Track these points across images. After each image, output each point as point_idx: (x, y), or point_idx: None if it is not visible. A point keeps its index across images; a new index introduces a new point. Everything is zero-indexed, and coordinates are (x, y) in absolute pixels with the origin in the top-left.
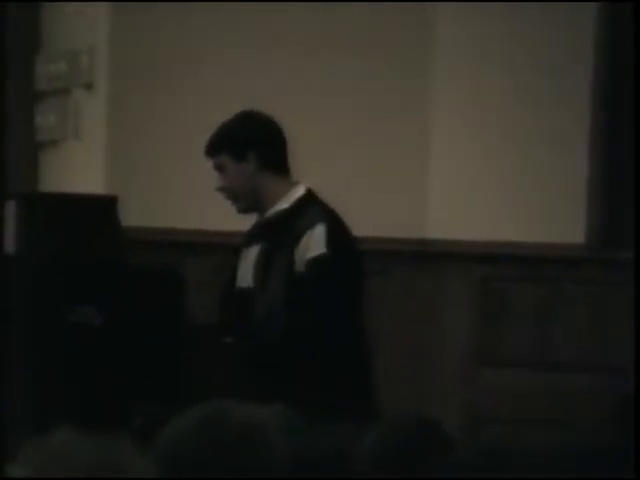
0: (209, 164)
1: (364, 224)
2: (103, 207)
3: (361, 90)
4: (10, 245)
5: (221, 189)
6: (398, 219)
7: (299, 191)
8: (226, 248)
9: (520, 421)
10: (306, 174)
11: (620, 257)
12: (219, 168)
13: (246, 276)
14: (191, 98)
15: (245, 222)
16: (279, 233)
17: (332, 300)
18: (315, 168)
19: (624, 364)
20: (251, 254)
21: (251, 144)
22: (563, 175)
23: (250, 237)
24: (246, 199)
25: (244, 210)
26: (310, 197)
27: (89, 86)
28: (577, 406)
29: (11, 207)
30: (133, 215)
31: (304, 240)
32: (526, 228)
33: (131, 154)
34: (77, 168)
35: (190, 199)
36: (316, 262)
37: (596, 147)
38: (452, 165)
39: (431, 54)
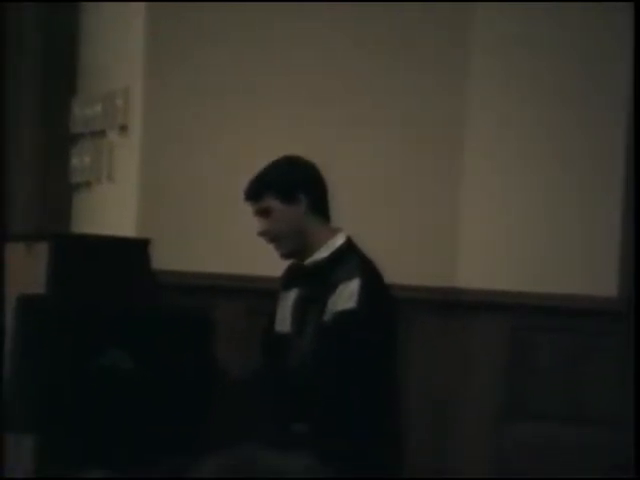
0: (242, 208)
1: (394, 272)
2: (135, 250)
3: (392, 138)
4: (42, 286)
5: (264, 233)
6: (428, 268)
7: (339, 240)
8: (257, 292)
9: (548, 475)
10: (336, 222)
11: None
12: (263, 212)
13: (284, 321)
14: (225, 142)
15: (276, 266)
16: (317, 281)
17: (353, 355)
18: (345, 216)
19: None
20: (289, 299)
21: (301, 186)
22: (597, 227)
23: (289, 281)
24: (292, 242)
25: (287, 255)
26: (350, 247)
27: (124, 128)
28: (608, 460)
29: (44, 248)
30: (165, 258)
31: (338, 291)
32: (558, 279)
33: (164, 197)
34: (110, 210)
35: (222, 243)
36: (342, 316)
37: (629, 198)
38: (483, 214)
39: (460, 102)
